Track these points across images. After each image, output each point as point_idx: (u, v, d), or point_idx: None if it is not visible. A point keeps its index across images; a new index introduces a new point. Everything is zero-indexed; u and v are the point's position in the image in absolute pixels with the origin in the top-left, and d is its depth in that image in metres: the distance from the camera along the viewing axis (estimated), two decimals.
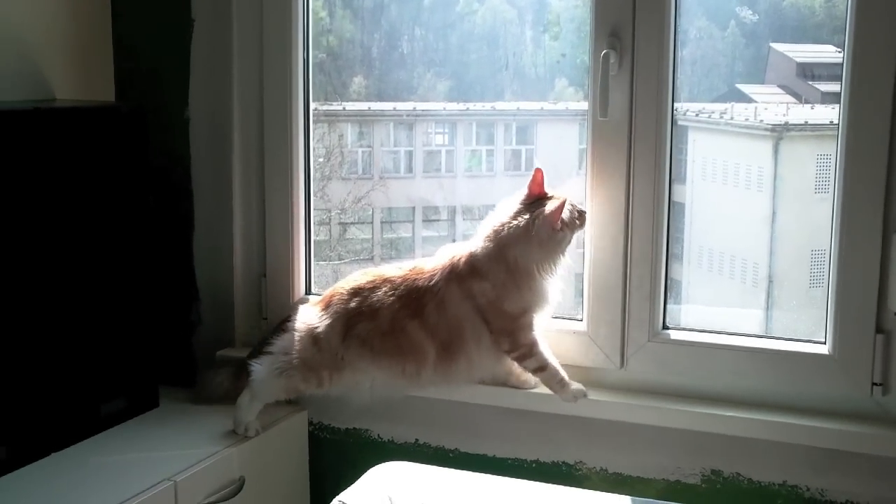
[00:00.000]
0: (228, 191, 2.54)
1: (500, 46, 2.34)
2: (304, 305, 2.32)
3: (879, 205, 2.01)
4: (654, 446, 2.23)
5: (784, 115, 2.18)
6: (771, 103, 2.16)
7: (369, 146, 2.52)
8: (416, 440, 2.46)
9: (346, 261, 2.54)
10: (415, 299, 2.16)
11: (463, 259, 2.15)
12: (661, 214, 2.19)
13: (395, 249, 2.59)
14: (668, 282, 2.25)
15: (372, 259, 2.57)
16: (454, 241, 2.44)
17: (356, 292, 2.21)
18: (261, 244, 2.56)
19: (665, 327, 2.25)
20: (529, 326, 2.16)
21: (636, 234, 2.20)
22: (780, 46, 2.15)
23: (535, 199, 2.11)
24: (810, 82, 2.16)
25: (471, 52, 2.37)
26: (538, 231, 2.07)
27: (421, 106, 2.44)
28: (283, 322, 2.33)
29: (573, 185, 2.25)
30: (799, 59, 2.16)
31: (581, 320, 2.29)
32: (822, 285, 2.13)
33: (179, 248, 2.60)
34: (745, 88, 2.23)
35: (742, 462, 2.17)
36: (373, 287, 2.20)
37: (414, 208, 2.56)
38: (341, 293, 2.22)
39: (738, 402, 2.17)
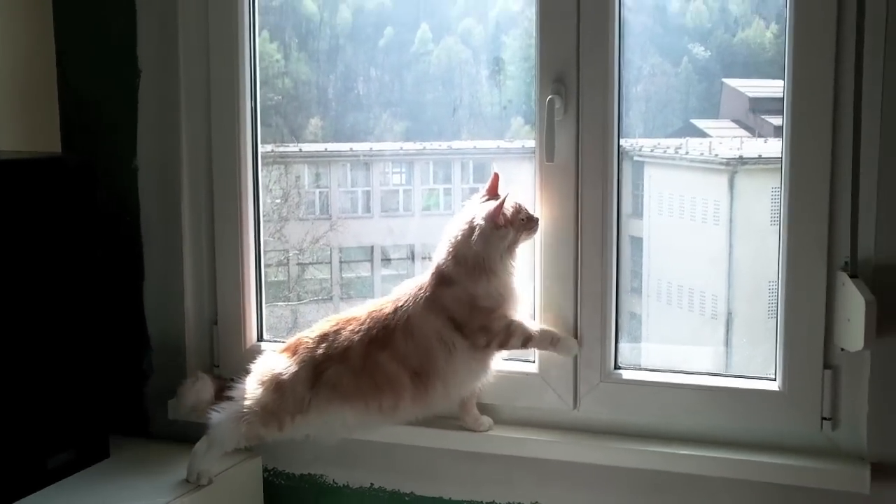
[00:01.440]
0: (178, 238, 2.52)
1: (456, 86, 2.36)
2: (268, 352, 2.30)
3: (823, 240, 2.03)
4: (608, 486, 2.24)
5: (738, 148, 2.21)
6: (725, 137, 2.19)
7: (326, 187, 2.52)
8: (372, 484, 2.44)
9: (304, 301, 2.53)
10: (381, 330, 2.15)
11: (428, 280, 2.16)
12: (609, 253, 2.20)
13: (354, 289, 2.59)
14: (622, 319, 2.26)
15: (331, 299, 2.57)
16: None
17: (322, 338, 2.19)
18: (212, 291, 2.54)
19: (617, 367, 2.26)
20: (504, 317, 2.14)
21: (586, 273, 2.21)
22: (732, 82, 2.18)
23: (486, 203, 2.13)
24: (763, 116, 2.19)
25: (426, 93, 2.39)
26: (481, 226, 2.08)
27: (377, 146, 2.45)
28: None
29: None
30: (751, 94, 2.19)
31: (533, 362, 2.29)
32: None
33: (130, 297, 2.57)
34: (700, 123, 2.25)
35: (696, 499, 2.18)
36: (337, 329, 2.19)
37: (372, 248, 2.56)
38: (306, 342, 2.21)
39: (692, 440, 2.18)
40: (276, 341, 2.46)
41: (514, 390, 2.28)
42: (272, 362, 2.23)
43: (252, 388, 2.22)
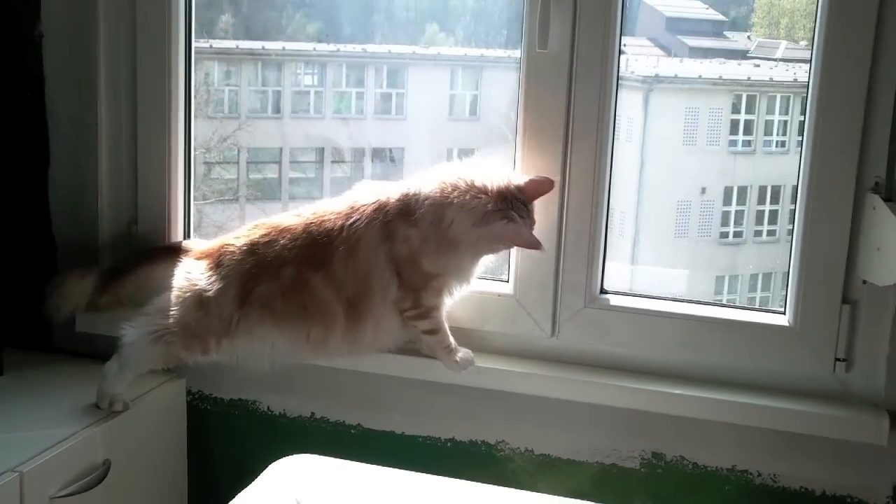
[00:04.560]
0: (92, 120, 2.15)
1: None
2: (187, 257, 1.96)
3: (854, 155, 1.77)
4: (587, 426, 1.98)
5: (654, 66, 2.13)
6: (641, 55, 2.10)
7: (236, 85, 2.41)
8: (313, 414, 2.15)
9: (209, 201, 2.36)
10: (320, 247, 1.85)
11: (395, 198, 1.85)
12: (603, 164, 1.92)
13: (261, 190, 2.48)
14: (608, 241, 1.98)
15: (237, 200, 2.43)
16: (322, 185, 2.28)
17: (251, 250, 1.88)
18: (132, 184, 2.18)
19: (603, 291, 1.98)
20: (439, 290, 1.88)
21: (574, 186, 1.93)
22: (650, 0, 2.10)
23: (516, 198, 1.82)
24: (679, 36, 2.15)
25: None
26: (491, 229, 1.80)
27: (290, 45, 2.34)
28: (155, 253, 2.03)
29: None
30: (668, 14, 2.13)
31: (507, 281, 2.01)
32: (686, 236, 2.17)
33: (32, 189, 2.21)
34: None
35: (687, 444, 1.93)
36: (269, 241, 1.88)
37: (281, 149, 2.45)
38: (232, 251, 1.89)
39: (686, 377, 1.92)
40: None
41: (484, 312, 2.00)
42: (191, 271, 1.92)
43: (168, 300, 1.90)
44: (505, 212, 1.79)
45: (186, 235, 2.20)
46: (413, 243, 1.83)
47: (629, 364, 1.96)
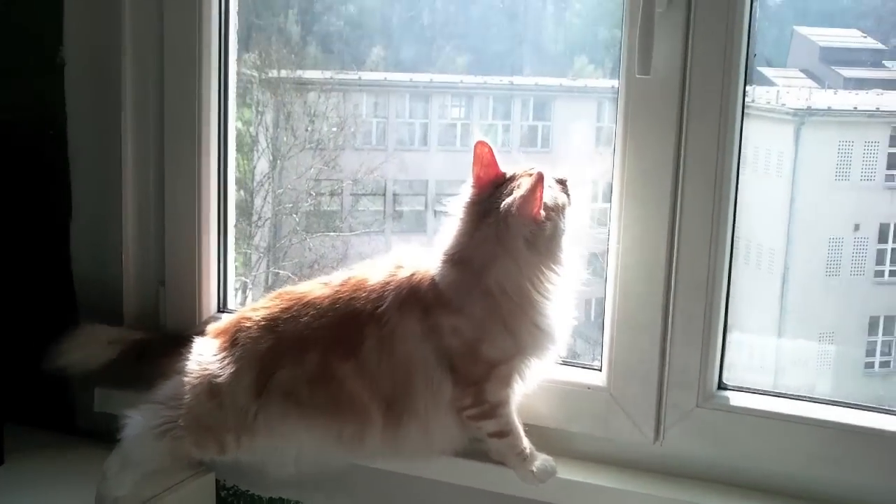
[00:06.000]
0: (117, 165, 1.85)
1: (521, 21, 2.18)
2: (204, 336, 1.64)
3: None
4: None
5: (807, 99, 2.01)
6: (792, 87, 2.00)
7: (384, 117, 2.41)
8: None
9: (356, 233, 2.35)
10: (348, 330, 1.50)
11: (426, 280, 1.49)
12: (724, 214, 1.51)
13: (407, 223, 2.44)
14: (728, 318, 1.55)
15: (383, 232, 2.38)
16: None
17: (270, 325, 1.55)
18: (159, 239, 1.88)
19: (722, 387, 1.56)
20: (507, 379, 1.51)
21: (685, 243, 1.52)
22: (803, 30, 2.00)
23: (493, 187, 1.49)
24: (833, 67, 2.02)
25: (491, 26, 2.24)
26: (515, 237, 1.43)
27: (438, 78, 2.32)
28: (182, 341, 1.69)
29: (596, 165, 1.78)
30: (822, 44, 2.01)
31: (599, 370, 1.61)
32: (838, 275, 2.02)
33: (51, 243, 1.93)
34: (767, 72, 2.01)
35: None
36: (291, 316, 1.54)
37: (427, 181, 2.42)
38: (249, 326, 1.57)
39: (825, 500, 1.48)
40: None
41: (570, 408, 1.61)
42: (204, 353, 1.61)
43: (177, 387, 1.59)
44: (496, 206, 1.44)
45: (222, 304, 1.88)
46: (466, 332, 1.46)
47: (753, 481, 1.54)
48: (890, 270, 2.06)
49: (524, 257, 1.44)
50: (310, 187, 2.32)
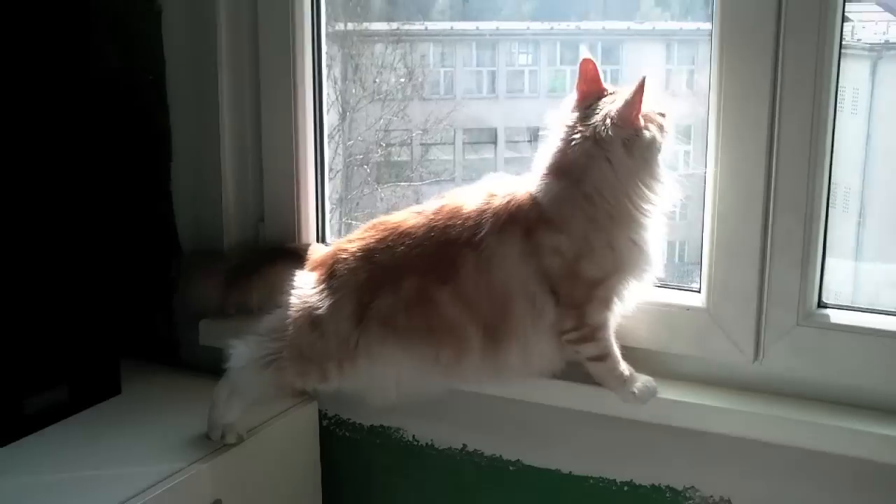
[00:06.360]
0: (214, 108, 1.89)
1: None
2: (303, 269, 1.68)
3: None
4: (799, 476, 1.56)
5: (884, 33, 1.92)
6: (869, 21, 1.90)
7: (451, 66, 2.40)
8: (465, 446, 1.82)
9: (426, 182, 2.38)
10: (445, 257, 1.52)
11: (526, 202, 1.51)
12: (822, 137, 1.50)
13: (476, 171, 2.38)
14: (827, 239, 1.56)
15: (454, 180, 2.39)
16: None
17: (367, 256, 1.57)
18: (258, 179, 1.92)
19: (822, 304, 1.56)
20: (607, 301, 1.52)
21: (784, 162, 1.51)
22: None
23: (593, 102, 1.50)
24: None
25: None
26: (614, 140, 1.44)
27: (504, 25, 2.30)
28: (278, 255, 1.79)
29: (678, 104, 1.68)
30: None
31: (698, 291, 1.62)
32: None
33: (154, 186, 1.98)
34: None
35: None
36: (387, 246, 1.56)
37: (496, 130, 2.43)
38: (345, 258, 1.59)
39: None
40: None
41: (669, 330, 1.62)
42: (302, 286, 1.63)
43: (280, 319, 1.62)
44: (596, 117, 1.47)
45: (320, 235, 1.92)
46: (567, 251, 1.48)
47: (854, 398, 1.53)
48: None
49: (622, 161, 1.45)
50: (379, 138, 2.33)
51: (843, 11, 1.49)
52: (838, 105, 1.53)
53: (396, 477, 1.88)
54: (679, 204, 1.54)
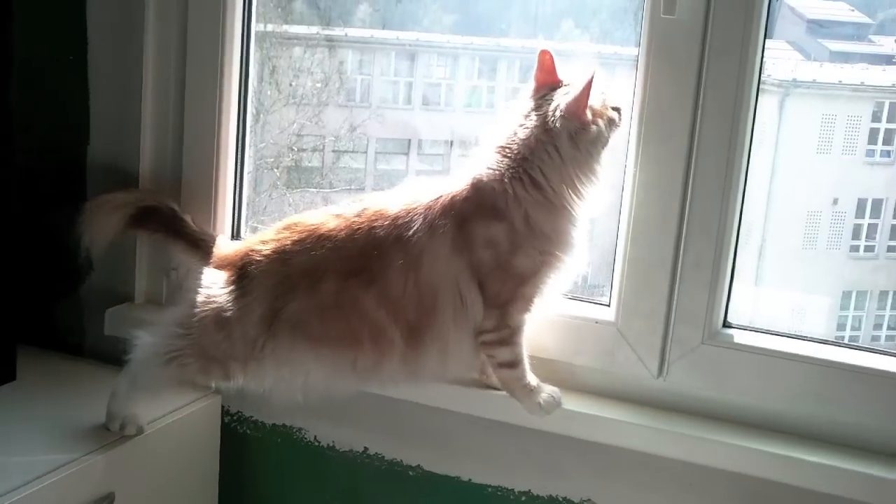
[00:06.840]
0: (137, 92, 1.86)
1: None
2: (210, 265, 1.65)
3: None
4: (694, 490, 1.59)
5: (792, 71, 2.00)
6: (779, 59, 1.96)
7: (369, 74, 2.39)
8: (366, 449, 1.82)
9: (336, 189, 2.32)
10: (371, 259, 1.51)
11: (462, 194, 1.51)
12: (738, 161, 1.54)
13: (388, 181, 2.36)
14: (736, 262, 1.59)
15: (363, 189, 2.37)
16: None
17: (281, 258, 1.55)
18: (177, 168, 1.89)
19: (727, 325, 1.60)
20: (531, 300, 1.54)
21: (700, 185, 1.55)
22: (791, 1, 1.97)
23: (548, 92, 1.53)
24: (819, 40, 2.02)
25: None
26: (561, 132, 1.46)
27: (424, 37, 2.29)
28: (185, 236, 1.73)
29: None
30: (809, 16, 2.01)
31: (608, 305, 1.65)
32: (815, 248, 2.04)
33: (65, 166, 1.94)
34: None
35: None
36: (305, 248, 1.54)
37: (409, 141, 2.41)
38: (258, 259, 1.56)
39: (830, 441, 1.53)
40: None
41: (577, 342, 1.64)
42: (210, 285, 1.60)
43: (185, 313, 1.60)
44: (549, 106, 1.50)
45: (236, 230, 1.90)
46: (501, 243, 1.48)
47: (751, 417, 1.57)
48: (865, 245, 2.07)
49: (567, 151, 1.47)
50: (291, 143, 2.29)
51: (764, 46, 1.54)
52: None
53: (296, 477, 1.87)
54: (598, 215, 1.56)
